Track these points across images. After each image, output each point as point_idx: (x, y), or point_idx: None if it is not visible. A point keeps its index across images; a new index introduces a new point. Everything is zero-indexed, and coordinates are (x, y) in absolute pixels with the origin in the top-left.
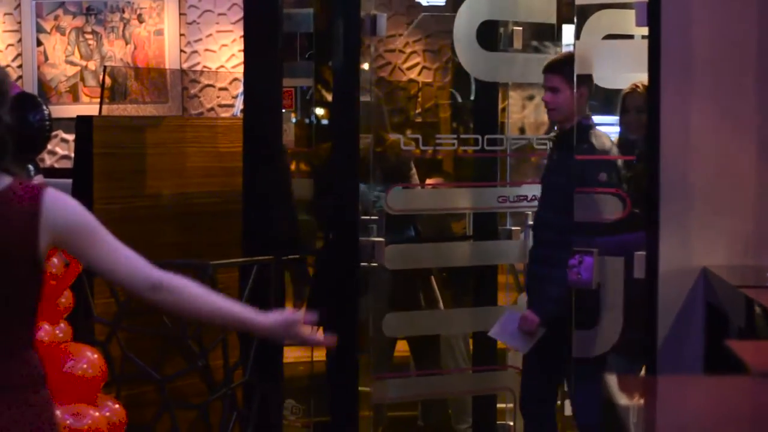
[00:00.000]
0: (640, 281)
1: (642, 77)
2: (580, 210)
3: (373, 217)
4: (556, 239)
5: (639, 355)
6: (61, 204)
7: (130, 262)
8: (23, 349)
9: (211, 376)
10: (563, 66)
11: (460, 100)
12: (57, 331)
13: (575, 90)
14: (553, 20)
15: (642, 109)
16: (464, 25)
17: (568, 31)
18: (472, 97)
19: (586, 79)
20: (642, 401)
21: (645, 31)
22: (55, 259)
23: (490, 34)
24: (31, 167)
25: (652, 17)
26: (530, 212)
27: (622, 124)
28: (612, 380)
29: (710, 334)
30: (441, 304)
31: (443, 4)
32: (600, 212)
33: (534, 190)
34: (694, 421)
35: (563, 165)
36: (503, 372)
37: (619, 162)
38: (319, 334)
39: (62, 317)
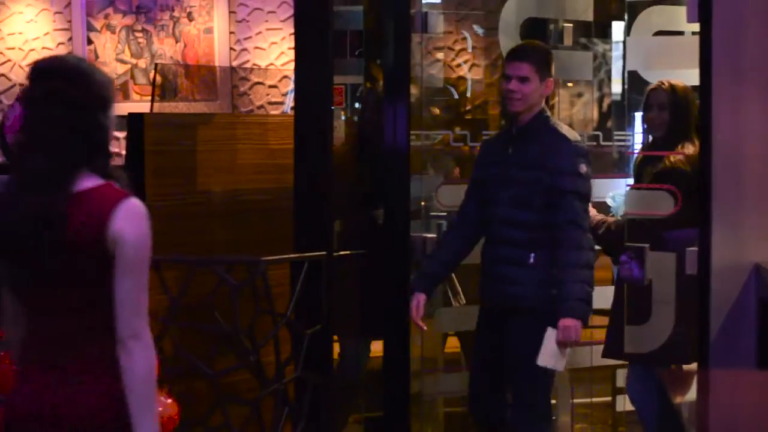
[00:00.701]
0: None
1: (693, 74)
2: (631, 205)
3: (441, 213)
4: (526, 237)
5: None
6: (126, 218)
7: (130, 306)
8: (90, 337)
9: (262, 372)
10: (534, 54)
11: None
12: None
13: (543, 80)
14: (590, 17)
15: (664, 107)
16: (509, 21)
17: (618, 27)
18: None
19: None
20: (695, 396)
21: (696, 27)
22: None
23: (538, 31)
24: None
25: (704, 13)
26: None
27: (644, 121)
28: (666, 376)
29: (763, 330)
30: (462, 297)
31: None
32: (653, 208)
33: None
34: (746, 416)
35: (531, 159)
36: None
37: None
38: None
39: None
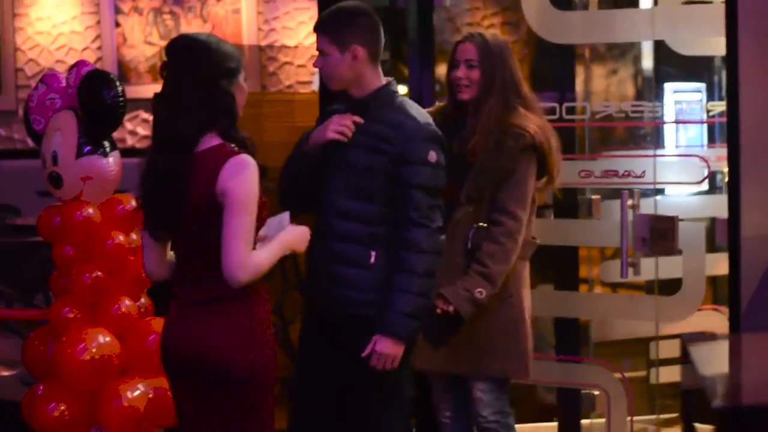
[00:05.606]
0: None
1: (721, 42)
2: (662, 174)
3: None
4: (365, 233)
5: None
6: (231, 170)
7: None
8: (210, 272)
9: (292, 348)
10: (325, 23)
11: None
12: (138, 306)
13: (346, 50)
14: None
15: (474, 63)
16: None
17: None
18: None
19: None
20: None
21: None
22: (133, 235)
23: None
24: (106, 144)
25: None
26: (625, 188)
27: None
28: (695, 347)
29: None
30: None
31: None
32: (683, 176)
33: (619, 163)
34: None
35: (373, 142)
36: (590, 366)
37: None
38: None
39: (143, 292)
